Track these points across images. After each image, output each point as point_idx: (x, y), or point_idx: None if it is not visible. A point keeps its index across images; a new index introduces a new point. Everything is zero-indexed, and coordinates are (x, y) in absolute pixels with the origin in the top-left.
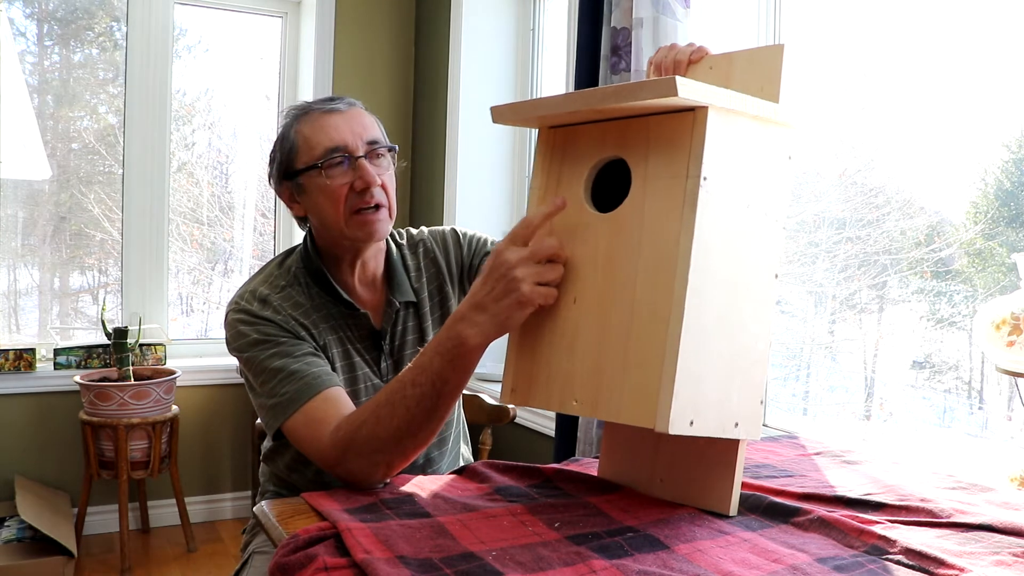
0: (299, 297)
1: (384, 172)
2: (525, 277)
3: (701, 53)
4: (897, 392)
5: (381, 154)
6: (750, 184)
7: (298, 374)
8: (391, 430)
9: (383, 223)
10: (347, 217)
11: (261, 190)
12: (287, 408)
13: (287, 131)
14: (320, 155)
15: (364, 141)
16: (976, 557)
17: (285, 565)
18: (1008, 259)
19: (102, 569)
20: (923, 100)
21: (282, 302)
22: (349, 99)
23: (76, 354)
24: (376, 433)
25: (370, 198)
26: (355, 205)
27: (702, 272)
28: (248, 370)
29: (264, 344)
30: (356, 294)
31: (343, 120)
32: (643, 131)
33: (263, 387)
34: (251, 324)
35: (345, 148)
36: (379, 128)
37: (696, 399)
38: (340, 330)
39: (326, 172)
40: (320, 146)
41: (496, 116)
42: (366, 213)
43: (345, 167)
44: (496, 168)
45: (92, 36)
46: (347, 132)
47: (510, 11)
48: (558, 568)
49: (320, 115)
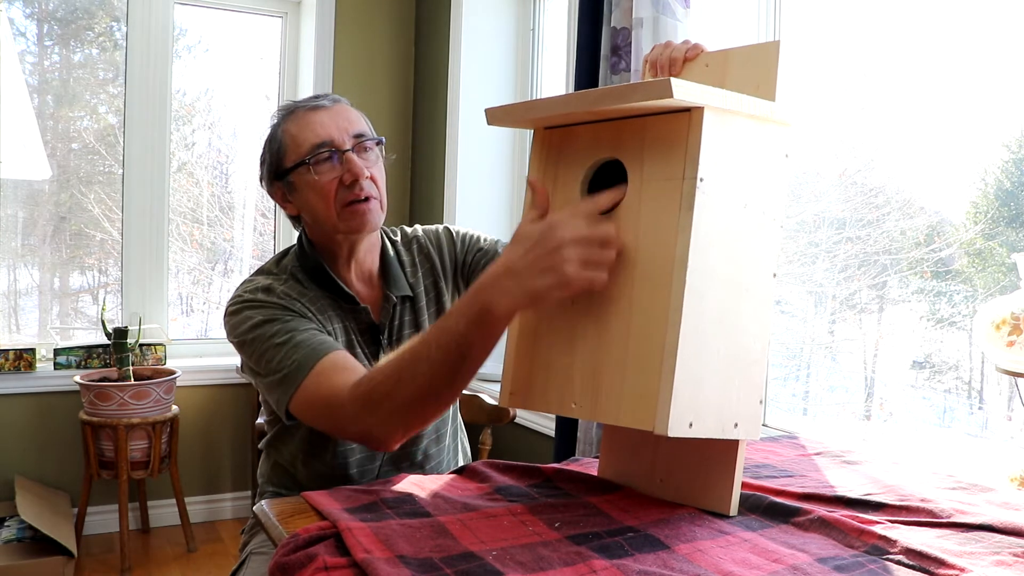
0: (302, 289)
1: (372, 165)
2: (575, 258)
3: (697, 51)
4: (897, 392)
5: (368, 147)
6: (747, 183)
7: (304, 343)
8: (412, 390)
9: (374, 213)
10: (338, 210)
11: (261, 190)
12: (297, 376)
13: (275, 131)
14: (307, 151)
15: (350, 135)
16: (976, 557)
17: (285, 565)
18: (1008, 259)
19: (102, 569)
20: (923, 100)
21: (288, 291)
22: (334, 96)
23: (76, 354)
24: (397, 391)
25: (359, 190)
26: (345, 198)
27: (700, 273)
28: (253, 352)
29: (269, 323)
30: (354, 289)
31: (328, 116)
32: (639, 132)
33: (269, 364)
34: (256, 308)
35: (332, 143)
36: (365, 122)
37: (695, 400)
38: (344, 321)
39: (314, 168)
40: (307, 143)
41: (490, 118)
42: (357, 204)
43: (333, 162)
44: (496, 168)
45: (92, 36)
46: (332, 127)
47: (510, 11)
48: (558, 568)
49: (305, 113)
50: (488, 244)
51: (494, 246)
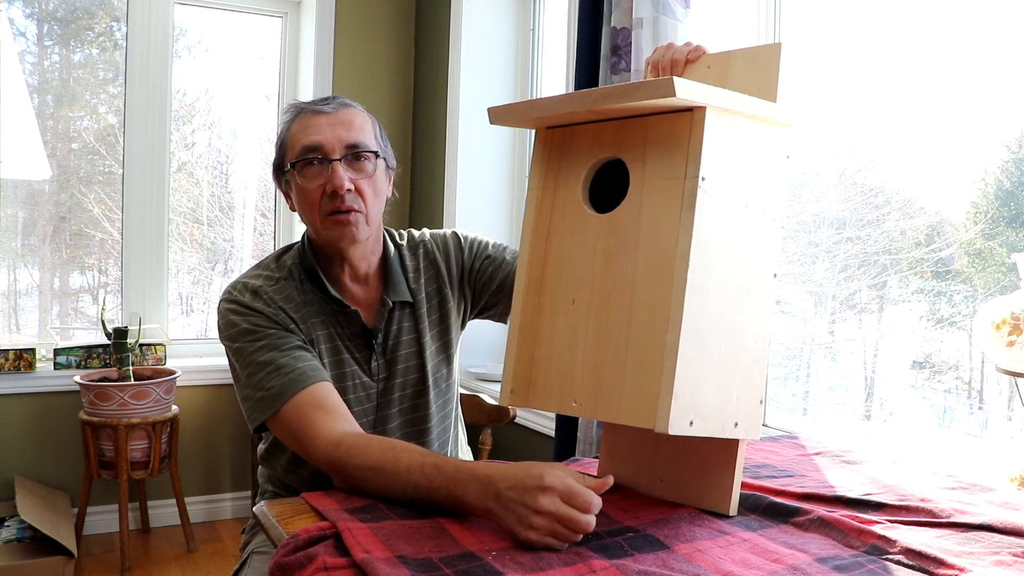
0: (291, 291)
1: (363, 177)
2: (543, 526)
3: (698, 52)
4: (897, 392)
5: (365, 158)
6: (748, 183)
7: (285, 368)
8: (380, 491)
9: (356, 228)
10: (321, 219)
11: (261, 190)
12: (274, 402)
13: (283, 128)
14: (297, 154)
15: (344, 144)
16: (976, 557)
17: (285, 565)
18: (1008, 259)
19: (102, 569)
20: (923, 100)
21: (274, 295)
22: (343, 100)
23: (76, 354)
24: (370, 482)
25: (340, 202)
26: (327, 208)
27: (701, 271)
28: (236, 360)
29: (253, 335)
30: (348, 291)
31: (327, 121)
32: (641, 131)
33: (249, 379)
34: (241, 314)
35: (320, 149)
36: (372, 130)
37: (696, 399)
38: (330, 326)
39: (300, 172)
40: (299, 145)
41: (493, 117)
42: (339, 215)
43: (320, 168)
44: (496, 168)
45: (92, 36)
46: (328, 133)
47: (510, 11)
48: (558, 568)
49: (308, 115)
50: (496, 251)
51: (502, 253)
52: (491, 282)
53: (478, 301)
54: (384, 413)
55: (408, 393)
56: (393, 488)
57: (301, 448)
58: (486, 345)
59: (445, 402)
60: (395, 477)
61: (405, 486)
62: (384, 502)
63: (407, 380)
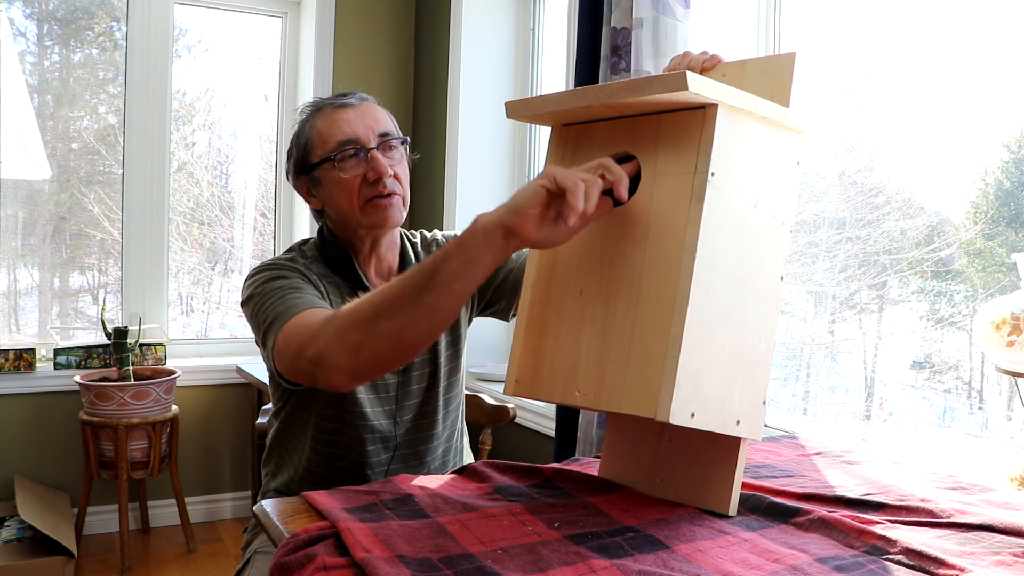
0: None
1: (396, 163)
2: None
3: (714, 61)
4: (897, 392)
5: (393, 146)
6: (758, 184)
7: (305, 294)
8: (374, 302)
9: (396, 209)
10: (361, 206)
11: (261, 190)
12: (287, 315)
13: (302, 127)
14: (333, 148)
15: (376, 133)
16: (976, 557)
17: (285, 564)
18: (1008, 259)
19: (102, 569)
20: (923, 100)
21: (308, 265)
22: (361, 94)
23: (76, 354)
24: (358, 307)
25: (383, 187)
26: (368, 195)
27: (708, 264)
28: (256, 304)
29: (279, 279)
30: (373, 285)
31: (355, 114)
32: (654, 128)
33: (267, 310)
34: (272, 269)
35: (357, 141)
36: (391, 121)
37: (698, 391)
38: None
39: (339, 165)
40: (333, 139)
41: (510, 111)
42: (379, 199)
43: (358, 159)
44: (496, 168)
45: (92, 36)
46: (359, 125)
47: (510, 11)
48: (558, 568)
49: (333, 110)
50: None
51: None
52: (495, 279)
53: (483, 297)
54: (402, 404)
55: (423, 386)
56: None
57: (299, 340)
58: (486, 345)
59: (455, 395)
60: (391, 288)
61: (403, 278)
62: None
63: (423, 373)
